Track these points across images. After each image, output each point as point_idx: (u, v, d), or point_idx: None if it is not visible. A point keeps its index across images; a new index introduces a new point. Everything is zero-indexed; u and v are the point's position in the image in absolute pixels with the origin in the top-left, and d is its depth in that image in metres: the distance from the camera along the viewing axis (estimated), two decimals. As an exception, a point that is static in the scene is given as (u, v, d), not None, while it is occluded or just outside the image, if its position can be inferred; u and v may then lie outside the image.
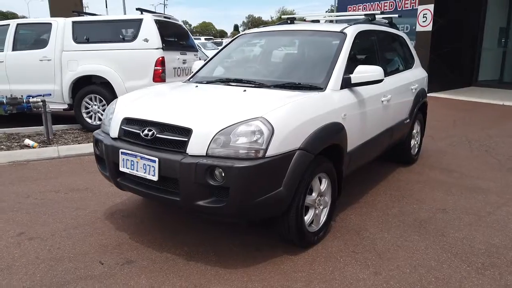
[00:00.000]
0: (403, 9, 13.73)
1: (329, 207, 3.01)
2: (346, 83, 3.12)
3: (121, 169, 2.68)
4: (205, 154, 2.38)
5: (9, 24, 6.65)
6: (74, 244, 2.87)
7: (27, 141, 5.32)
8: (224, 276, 2.50)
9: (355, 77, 3.11)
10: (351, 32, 3.47)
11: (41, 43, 6.41)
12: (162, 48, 6.04)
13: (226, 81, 3.36)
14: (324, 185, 2.90)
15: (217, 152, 2.37)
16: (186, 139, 2.44)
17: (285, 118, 2.49)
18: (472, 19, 11.34)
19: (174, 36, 6.71)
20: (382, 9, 14.50)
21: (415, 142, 4.90)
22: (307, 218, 2.78)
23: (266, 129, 2.37)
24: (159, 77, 6.01)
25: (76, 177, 4.30)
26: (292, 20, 4.40)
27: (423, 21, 10.42)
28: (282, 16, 4.59)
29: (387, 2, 14.28)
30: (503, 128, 6.73)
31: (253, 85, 3.17)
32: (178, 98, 3.07)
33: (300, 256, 2.74)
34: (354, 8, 15.44)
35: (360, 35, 3.58)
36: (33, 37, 6.70)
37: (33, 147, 5.23)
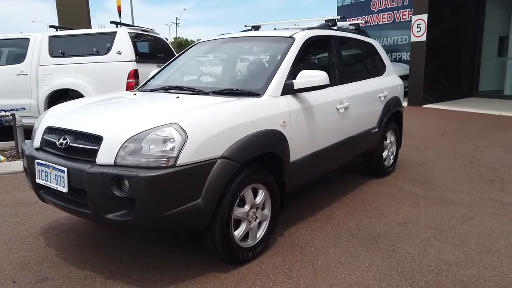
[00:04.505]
0: (401, 20, 13.57)
1: (269, 220, 2.80)
2: (289, 89, 2.95)
3: (37, 180, 2.54)
4: (113, 163, 2.22)
5: (-11, 40, 6.71)
6: (-6, 261, 2.72)
7: (-5, 155, 5.26)
8: (138, 295, 2.31)
9: (298, 82, 2.93)
10: (301, 37, 3.31)
11: (18, 58, 6.43)
12: (136, 61, 5.98)
13: (167, 89, 3.23)
14: (260, 197, 2.70)
15: (126, 161, 2.21)
16: (97, 148, 2.29)
17: (202, 125, 2.32)
18: (469, 28, 11.08)
19: (152, 49, 6.66)
20: (381, 21, 14.38)
21: (389, 153, 4.66)
22: (238, 232, 2.58)
23: (178, 136, 2.21)
24: (132, 89, 5.93)
25: (31, 191, 4.17)
26: (257, 28, 4.26)
27: (417, 31, 10.20)
28: (246, 24, 4.45)
29: (385, 14, 14.14)
30: (493, 139, 6.42)
31: (191, 92, 3.03)
32: (106, 107, 2.94)
33: (229, 273, 2.53)
34: (353, 20, 15.31)
35: (312, 40, 3.42)
36: (11, 52, 6.73)
37: (0, 161, 5.15)
